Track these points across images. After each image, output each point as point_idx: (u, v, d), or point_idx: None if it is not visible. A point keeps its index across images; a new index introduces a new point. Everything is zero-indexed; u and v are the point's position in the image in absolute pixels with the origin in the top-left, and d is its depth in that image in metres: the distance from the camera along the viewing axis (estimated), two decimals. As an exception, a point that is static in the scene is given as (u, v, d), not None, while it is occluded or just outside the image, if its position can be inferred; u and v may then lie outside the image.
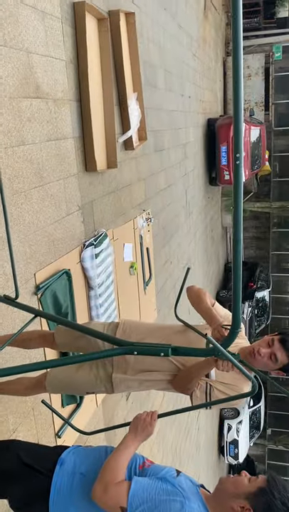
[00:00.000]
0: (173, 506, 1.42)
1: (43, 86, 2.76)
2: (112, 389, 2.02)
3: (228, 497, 1.47)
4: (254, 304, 11.38)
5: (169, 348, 1.57)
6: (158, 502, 1.43)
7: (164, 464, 5.19)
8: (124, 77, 4.02)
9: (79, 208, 3.26)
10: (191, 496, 1.47)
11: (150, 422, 1.65)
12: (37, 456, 1.70)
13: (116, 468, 1.51)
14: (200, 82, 8.69)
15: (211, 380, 1.92)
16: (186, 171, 7.37)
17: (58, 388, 2.10)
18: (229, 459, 12.11)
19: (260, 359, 1.81)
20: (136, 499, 1.43)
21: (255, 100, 12.26)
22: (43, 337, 2.26)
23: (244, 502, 1.44)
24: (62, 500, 1.55)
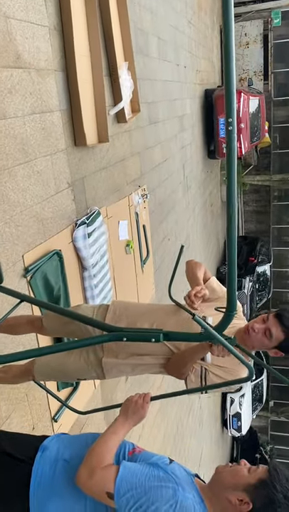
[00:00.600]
0: (165, 493, 1.30)
1: (24, 55, 2.57)
2: (104, 374, 1.93)
3: (225, 488, 1.36)
4: (255, 279, 11.30)
5: (160, 333, 1.46)
6: (148, 488, 1.31)
7: (167, 441, 5.12)
8: (114, 45, 3.81)
9: (69, 185, 3.12)
10: (185, 484, 1.36)
11: (142, 404, 1.54)
12: (18, 444, 1.58)
13: (103, 452, 1.39)
14: (196, 51, 8.37)
15: (206, 364, 1.82)
16: (183, 144, 7.15)
17: (46, 375, 2.01)
18: (232, 431, 12.26)
19: (254, 335, 1.72)
20: (124, 484, 1.32)
21: (254, 69, 11.88)
22: (31, 322, 2.16)
23: (243, 494, 1.33)
24: (43, 488, 1.42)
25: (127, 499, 1.29)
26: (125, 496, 1.29)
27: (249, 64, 11.82)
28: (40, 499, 1.41)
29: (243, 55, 11.69)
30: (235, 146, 1.14)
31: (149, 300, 5.09)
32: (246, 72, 11.83)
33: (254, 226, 14.48)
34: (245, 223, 14.51)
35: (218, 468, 1.44)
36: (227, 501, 1.35)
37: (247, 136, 9.41)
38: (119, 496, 1.30)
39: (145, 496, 1.29)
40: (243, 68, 11.83)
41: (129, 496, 1.29)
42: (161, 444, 5.67)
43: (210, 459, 10.13)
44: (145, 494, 1.29)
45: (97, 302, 3.44)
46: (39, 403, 2.80)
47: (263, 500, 1.31)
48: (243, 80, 11.61)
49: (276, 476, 1.33)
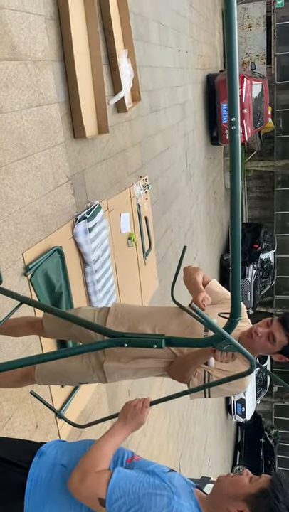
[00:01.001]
0: (159, 501, 1.24)
1: (19, 46, 2.50)
2: (105, 378, 1.89)
3: (225, 498, 1.30)
4: (259, 266, 11.24)
5: (162, 339, 1.42)
6: (141, 495, 1.25)
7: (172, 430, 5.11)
8: (113, 32, 3.70)
9: (68, 179, 3.05)
10: (182, 493, 1.30)
11: (141, 409, 1.49)
12: (14, 449, 1.55)
13: (97, 457, 1.34)
14: (197, 36, 8.20)
15: (209, 368, 1.78)
16: (185, 131, 7.04)
17: (48, 379, 1.98)
18: (236, 417, 12.34)
19: (257, 339, 1.67)
20: (117, 490, 1.26)
21: (257, 53, 11.64)
22: (31, 324, 2.12)
23: (243, 505, 1.27)
24: (39, 492, 1.38)
25: (119, 506, 1.24)
26: (117, 503, 1.24)
27: (252, 47, 11.58)
28: (35, 503, 1.38)
29: (246, 38, 11.45)
30: (238, 147, 1.08)
31: (153, 293, 5.05)
32: (249, 56, 11.60)
33: (258, 212, 14.37)
34: (248, 210, 14.39)
35: (219, 477, 1.39)
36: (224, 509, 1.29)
37: (250, 122, 9.27)
38: (111, 503, 1.24)
39: (138, 503, 1.24)
40: (245, 52, 11.60)
41: (121, 502, 1.24)
42: (166, 432, 5.70)
43: (214, 443, 10.22)
44: (138, 502, 1.24)
45: (100, 296, 3.41)
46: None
47: (264, 511, 1.25)
48: (246, 64, 11.39)
49: (278, 486, 1.26)
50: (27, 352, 2.55)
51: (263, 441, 13.56)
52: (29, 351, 2.57)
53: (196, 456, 7.74)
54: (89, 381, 1.94)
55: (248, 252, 11.18)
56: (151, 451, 5.00)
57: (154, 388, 5.09)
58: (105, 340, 1.47)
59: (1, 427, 2.34)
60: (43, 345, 2.70)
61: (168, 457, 5.75)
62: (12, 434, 2.42)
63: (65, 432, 2.99)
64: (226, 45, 0.99)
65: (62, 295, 2.86)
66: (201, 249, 8.46)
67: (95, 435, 1.98)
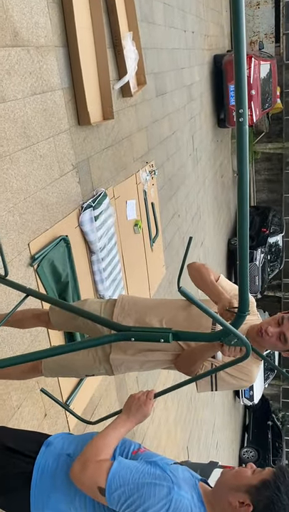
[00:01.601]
0: (158, 491, 1.23)
1: (21, 32, 2.44)
2: (112, 371, 1.89)
3: (227, 490, 1.29)
4: (267, 250, 11.16)
5: (170, 333, 1.40)
6: (140, 485, 1.24)
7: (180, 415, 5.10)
8: (117, 14, 3.61)
9: (73, 167, 3.02)
10: (184, 485, 1.29)
11: (145, 401, 1.48)
12: (21, 438, 1.56)
13: (99, 446, 1.34)
14: (204, 15, 7.99)
15: (216, 361, 1.76)
16: (192, 114, 6.93)
17: (55, 371, 1.98)
18: (244, 400, 12.42)
19: (267, 339, 1.64)
20: (116, 480, 1.25)
21: (265, 32, 11.36)
22: (38, 317, 2.11)
23: (244, 496, 1.25)
24: (44, 483, 1.40)
25: (119, 495, 1.24)
26: (117, 492, 1.24)
27: (260, 26, 11.29)
28: (41, 491, 1.40)
29: (254, 17, 11.17)
30: (246, 140, 1.04)
31: (160, 280, 5.04)
32: (257, 35, 11.33)
33: (266, 195, 14.22)
34: (256, 193, 14.24)
35: (223, 471, 1.39)
36: (228, 504, 1.27)
37: (258, 103, 9.10)
38: (110, 492, 1.24)
39: (137, 492, 1.23)
40: (253, 30, 11.32)
41: (120, 492, 1.24)
42: (174, 417, 5.75)
43: (223, 426, 10.32)
44: (137, 491, 1.23)
45: (107, 285, 3.39)
46: (51, 389, 2.80)
47: (265, 502, 1.22)
48: (254, 43, 11.13)
49: (281, 478, 1.24)
50: (34, 343, 2.56)
51: (270, 424, 13.67)
52: (36, 342, 2.58)
53: (204, 440, 7.83)
54: (96, 373, 1.94)
55: (256, 236, 11.09)
56: (159, 437, 5.05)
57: (161, 377, 5.11)
58: (112, 334, 1.46)
59: (10, 416, 2.36)
60: (51, 336, 2.71)
61: (176, 442, 5.82)
62: (21, 423, 2.44)
63: (74, 420, 3.02)
64: (233, 28, 0.94)
65: (68, 284, 2.85)
66: (209, 233, 8.40)
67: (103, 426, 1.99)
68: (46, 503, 1.38)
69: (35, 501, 1.40)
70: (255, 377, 1.79)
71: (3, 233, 2.29)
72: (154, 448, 4.81)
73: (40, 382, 2.65)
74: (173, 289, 5.52)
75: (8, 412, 2.35)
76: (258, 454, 12.68)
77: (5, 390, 2.33)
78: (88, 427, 3.21)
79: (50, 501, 1.38)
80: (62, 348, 1.68)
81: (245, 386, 1.84)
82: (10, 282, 1.99)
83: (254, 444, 13.09)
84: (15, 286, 1.96)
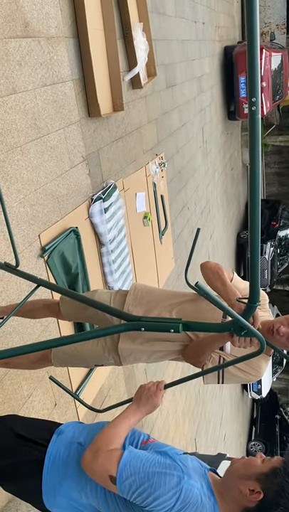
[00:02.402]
0: (168, 480, 1.25)
1: (32, 22, 2.44)
2: (120, 361, 1.90)
3: (237, 478, 1.31)
4: (276, 243, 11.09)
5: (180, 323, 1.41)
6: (151, 474, 1.26)
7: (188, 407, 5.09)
8: (128, 4, 3.59)
9: (83, 159, 3.02)
10: (193, 474, 1.31)
11: (155, 391, 1.49)
12: (33, 427, 1.58)
13: (110, 435, 1.36)
14: (215, 5, 7.91)
15: (225, 354, 1.76)
16: (202, 106, 6.88)
17: (64, 361, 2.00)
18: (252, 394, 12.42)
19: (278, 338, 1.63)
20: (127, 468, 1.27)
21: (276, 22, 11.20)
22: (48, 307, 2.13)
23: (254, 484, 1.26)
24: (56, 471, 1.42)
25: (130, 484, 1.26)
26: (128, 481, 1.26)
27: (271, 16, 11.13)
28: (53, 479, 1.42)
29: (265, 7, 11.02)
30: (259, 129, 1.04)
31: (169, 273, 5.04)
32: (268, 26, 11.17)
33: (276, 189, 14.10)
34: (266, 186, 14.14)
35: (232, 460, 1.40)
36: (238, 492, 1.29)
37: (269, 95, 9.00)
38: (121, 480, 1.26)
39: (148, 482, 1.25)
40: (264, 21, 11.17)
41: (131, 480, 1.26)
42: (183, 409, 5.77)
43: (230, 419, 10.34)
44: (148, 480, 1.25)
45: (116, 276, 3.41)
46: (60, 379, 2.83)
47: (275, 489, 1.23)
48: (265, 35, 10.99)
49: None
50: (45, 333, 2.59)
51: (278, 418, 13.66)
52: (47, 332, 2.60)
53: (212, 432, 7.86)
54: (105, 363, 1.95)
55: (266, 230, 11.03)
56: (167, 429, 5.08)
57: (170, 368, 5.13)
58: (122, 324, 1.47)
59: (21, 405, 2.39)
60: (61, 326, 2.73)
61: (184, 434, 5.85)
62: (31, 412, 2.48)
63: (83, 410, 3.05)
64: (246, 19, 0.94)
65: (78, 276, 2.87)
66: (218, 227, 8.37)
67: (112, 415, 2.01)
68: (58, 491, 1.41)
69: (47, 489, 1.42)
70: (263, 372, 1.79)
71: (14, 224, 2.31)
72: (163, 439, 4.84)
73: (50, 372, 2.68)
74: (182, 282, 5.52)
75: (18, 402, 2.38)
76: (265, 447, 12.69)
77: (15, 379, 2.36)
78: (98, 416, 3.24)
79: (61, 489, 1.40)
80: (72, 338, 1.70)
81: (252, 380, 1.84)
82: (21, 273, 2.01)
83: (262, 437, 13.10)
84: (26, 276, 1.98)
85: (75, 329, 2.91)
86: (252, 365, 1.76)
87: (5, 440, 1.53)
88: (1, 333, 2.23)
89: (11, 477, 1.50)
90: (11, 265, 2.08)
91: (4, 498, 2.21)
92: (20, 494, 1.56)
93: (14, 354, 1.37)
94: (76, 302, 1.93)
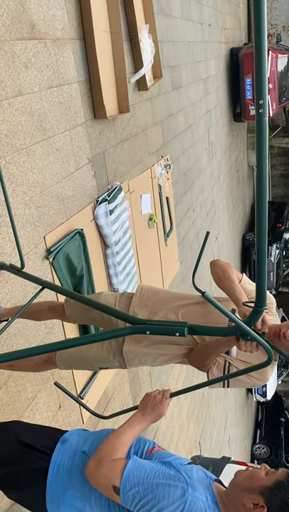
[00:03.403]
0: (172, 492, 1.23)
1: (39, 24, 2.44)
2: (125, 364, 1.89)
3: (241, 491, 1.29)
4: (282, 246, 11.05)
5: (185, 327, 1.40)
6: (155, 485, 1.24)
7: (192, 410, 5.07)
8: (134, 6, 3.59)
9: (89, 160, 3.02)
10: (198, 486, 1.29)
11: (161, 400, 1.47)
12: (37, 435, 1.58)
13: (115, 445, 1.35)
14: (221, 7, 7.90)
15: (230, 358, 1.75)
16: (207, 108, 6.87)
17: (69, 364, 1.99)
18: (257, 396, 12.36)
19: (285, 342, 1.61)
20: (131, 479, 1.25)
21: (283, 24, 11.17)
22: (53, 309, 2.13)
23: (258, 497, 1.25)
24: (60, 480, 1.41)
25: (133, 495, 1.24)
26: (131, 491, 1.25)
27: (278, 18, 11.11)
28: (57, 487, 1.41)
29: (272, 9, 11.00)
30: (266, 131, 1.03)
31: (174, 275, 5.03)
32: (274, 27, 11.15)
33: (282, 190, 14.05)
34: (272, 188, 14.09)
35: (236, 472, 1.38)
36: (242, 505, 1.28)
37: (275, 97, 8.98)
38: (125, 491, 1.25)
39: (152, 493, 1.23)
40: (271, 23, 11.15)
41: (135, 491, 1.24)
42: (187, 412, 5.75)
43: (235, 422, 10.29)
44: (152, 491, 1.24)
45: (121, 278, 3.40)
46: (65, 381, 2.83)
47: (278, 503, 1.23)
48: (271, 36, 10.97)
49: None
50: (49, 335, 2.58)
51: (283, 421, 13.59)
52: (52, 334, 2.60)
53: (217, 435, 7.82)
54: (109, 366, 1.94)
55: (272, 232, 10.99)
56: (171, 432, 5.07)
57: (174, 371, 5.11)
58: (127, 327, 1.46)
59: (25, 407, 2.39)
60: (66, 329, 2.72)
61: (188, 437, 5.82)
62: (36, 414, 2.47)
63: (88, 413, 3.04)
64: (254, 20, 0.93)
65: (83, 278, 2.87)
66: (223, 228, 8.35)
67: (116, 421, 2.00)
68: (62, 500, 1.40)
69: (51, 498, 1.42)
70: (269, 376, 1.78)
71: (20, 226, 2.31)
72: (167, 442, 4.82)
73: (54, 374, 2.68)
74: (187, 284, 5.51)
75: (23, 404, 2.38)
76: (270, 450, 12.62)
77: (20, 381, 2.36)
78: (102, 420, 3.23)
79: (65, 498, 1.39)
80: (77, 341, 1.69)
81: (258, 385, 1.82)
82: (26, 275, 2.02)
83: (266, 440, 13.03)
84: (31, 278, 1.98)
85: (80, 332, 2.90)
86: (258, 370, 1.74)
87: (9, 448, 1.53)
88: (6, 335, 2.23)
89: (14, 485, 1.50)
90: (16, 267, 2.09)
91: (7, 500, 2.21)
92: (24, 502, 1.56)
93: (19, 357, 1.37)
94: (81, 304, 1.92)
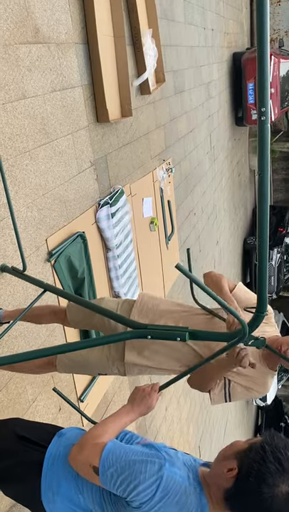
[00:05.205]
0: (149, 468, 1.21)
1: (43, 28, 2.45)
2: (124, 372, 1.90)
3: (219, 462, 1.28)
4: (283, 250, 11.06)
5: (186, 332, 1.40)
6: (132, 462, 1.23)
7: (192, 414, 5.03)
8: (137, 11, 3.61)
9: (91, 164, 3.03)
10: (178, 463, 1.28)
11: (150, 392, 1.48)
12: (35, 429, 1.58)
13: (99, 432, 1.34)
14: (224, 12, 7.94)
15: (230, 374, 1.76)
16: (210, 112, 6.89)
17: (68, 368, 1.99)
18: (257, 401, 12.33)
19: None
20: (110, 457, 1.24)
21: (285, 29, 11.22)
22: (54, 313, 2.13)
23: (233, 462, 1.23)
24: (55, 471, 1.40)
25: (111, 474, 1.23)
26: (109, 470, 1.23)
27: (280, 23, 11.15)
28: (52, 479, 1.41)
29: (274, 14, 11.04)
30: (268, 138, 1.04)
31: (175, 278, 5.03)
32: (277, 32, 11.19)
33: (283, 195, 14.06)
34: (273, 192, 14.10)
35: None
36: (219, 475, 1.25)
37: (277, 102, 9.00)
38: (103, 471, 1.23)
39: (128, 469, 1.22)
40: (273, 28, 11.19)
41: (113, 470, 1.23)
42: (187, 416, 5.74)
43: (235, 426, 10.27)
44: (128, 468, 1.22)
45: (122, 282, 3.40)
46: (65, 384, 2.83)
47: (251, 464, 1.19)
48: (274, 41, 11.01)
49: (268, 439, 1.22)
50: (50, 337, 2.58)
51: (283, 426, 13.55)
52: (52, 337, 2.60)
53: (216, 439, 7.81)
54: (108, 373, 1.95)
55: (273, 236, 10.99)
56: (171, 435, 5.06)
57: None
58: (128, 331, 1.47)
59: (25, 409, 2.39)
60: (66, 332, 2.73)
61: (188, 441, 5.81)
62: (36, 416, 2.47)
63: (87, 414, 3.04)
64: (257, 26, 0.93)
65: (84, 280, 2.87)
66: (224, 233, 8.36)
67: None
68: (57, 491, 1.39)
69: (46, 490, 1.41)
70: (269, 388, 1.80)
71: (22, 228, 2.32)
72: (166, 446, 4.81)
73: (55, 376, 2.68)
74: (188, 288, 5.51)
75: (23, 406, 2.38)
76: (270, 455, 12.59)
77: (20, 383, 2.36)
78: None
79: (60, 489, 1.39)
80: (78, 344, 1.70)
81: (257, 397, 1.83)
82: (28, 277, 2.02)
83: (266, 445, 12.99)
84: (32, 281, 1.98)
85: (81, 335, 2.91)
86: (258, 382, 1.76)
87: (6, 442, 1.53)
88: (7, 337, 2.23)
89: (11, 479, 1.49)
90: (18, 269, 2.10)
91: (7, 502, 2.21)
92: (20, 498, 1.55)
93: (19, 360, 1.37)
94: (83, 310, 1.93)
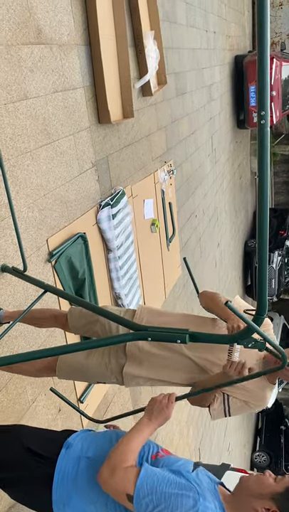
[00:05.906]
0: (185, 502, 1.28)
1: (45, 29, 2.46)
2: (123, 382, 1.90)
3: (250, 497, 1.33)
4: (284, 253, 11.05)
5: (187, 333, 1.40)
6: (168, 495, 1.29)
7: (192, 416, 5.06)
8: (139, 13, 3.62)
9: (92, 164, 3.03)
10: (207, 493, 1.34)
11: (167, 404, 1.50)
12: (41, 440, 1.59)
13: (126, 452, 1.38)
14: (226, 15, 7.95)
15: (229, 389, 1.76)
16: (211, 114, 6.90)
17: (68, 374, 1.99)
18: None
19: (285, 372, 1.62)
20: (144, 487, 1.30)
21: (287, 32, 11.23)
22: (55, 317, 2.13)
23: (269, 503, 1.30)
24: (66, 486, 1.44)
25: (146, 503, 1.28)
26: (144, 500, 1.28)
27: (282, 26, 11.17)
28: (62, 493, 1.43)
29: (276, 17, 11.06)
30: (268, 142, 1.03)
31: (176, 280, 5.03)
32: (279, 36, 11.21)
33: (284, 198, 14.05)
34: (275, 195, 14.10)
35: (242, 477, 1.42)
36: (252, 510, 1.32)
37: (278, 105, 9.01)
38: (138, 499, 1.29)
39: (165, 502, 1.28)
40: (275, 31, 11.21)
41: (148, 500, 1.28)
42: (187, 418, 5.73)
43: (235, 429, 10.25)
44: (165, 501, 1.28)
45: (123, 283, 3.40)
46: (65, 385, 2.82)
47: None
48: (276, 44, 11.03)
49: None
50: (50, 338, 2.58)
51: (283, 429, 13.51)
52: (52, 337, 2.60)
53: (216, 442, 7.79)
54: (107, 381, 1.95)
55: (274, 239, 10.99)
56: (171, 437, 5.04)
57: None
58: (129, 332, 1.46)
59: (25, 410, 2.39)
60: (67, 333, 2.72)
61: (188, 443, 5.80)
62: (35, 417, 2.47)
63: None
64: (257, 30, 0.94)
65: (85, 281, 2.87)
66: (225, 235, 8.36)
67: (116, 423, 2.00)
68: (68, 502, 1.43)
69: (57, 501, 1.44)
70: (268, 401, 1.80)
71: (23, 229, 2.32)
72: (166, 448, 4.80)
73: (55, 377, 2.67)
74: (188, 290, 5.51)
75: (23, 406, 2.37)
76: (270, 458, 12.54)
77: (20, 384, 2.36)
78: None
79: (71, 501, 1.43)
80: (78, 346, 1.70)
81: (257, 410, 1.85)
82: (28, 277, 2.02)
83: (266, 448, 12.95)
84: (33, 281, 1.98)
85: (82, 339, 2.90)
86: (258, 397, 1.77)
87: (13, 453, 1.54)
88: (7, 337, 2.23)
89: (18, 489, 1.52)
90: (18, 270, 2.09)
91: (6, 502, 2.20)
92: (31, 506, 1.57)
93: (18, 361, 1.37)
94: (85, 316, 1.94)
